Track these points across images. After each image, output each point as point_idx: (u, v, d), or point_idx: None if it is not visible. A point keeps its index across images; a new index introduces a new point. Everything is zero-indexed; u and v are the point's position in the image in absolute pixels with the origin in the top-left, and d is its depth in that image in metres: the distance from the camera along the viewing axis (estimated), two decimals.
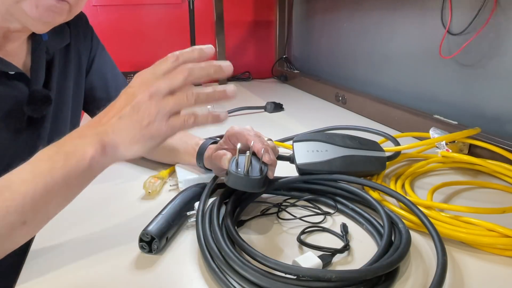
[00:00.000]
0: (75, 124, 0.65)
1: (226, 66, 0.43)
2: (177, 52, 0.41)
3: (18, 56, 0.54)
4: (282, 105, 1.10)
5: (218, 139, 0.63)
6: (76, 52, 0.64)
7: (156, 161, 0.69)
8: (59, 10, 0.47)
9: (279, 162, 0.60)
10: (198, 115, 0.41)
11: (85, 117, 0.77)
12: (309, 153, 0.57)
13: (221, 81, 1.53)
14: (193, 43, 1.52)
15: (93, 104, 0.70)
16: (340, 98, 1.11)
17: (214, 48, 0.44)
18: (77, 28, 0.64)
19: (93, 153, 0.38)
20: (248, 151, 0.46)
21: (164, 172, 0.63)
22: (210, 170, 0.58)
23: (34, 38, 0.55)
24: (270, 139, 0.55)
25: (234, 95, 0.42)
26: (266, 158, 0.48)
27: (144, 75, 0.40)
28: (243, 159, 0.47)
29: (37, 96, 0.53)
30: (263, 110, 1.08)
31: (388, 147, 0.66)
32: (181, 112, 0.40)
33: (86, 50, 0.66)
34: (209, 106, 0.65)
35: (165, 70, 0.40)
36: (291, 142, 0.63)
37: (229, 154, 0.49)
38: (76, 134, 0.40)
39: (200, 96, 0.41)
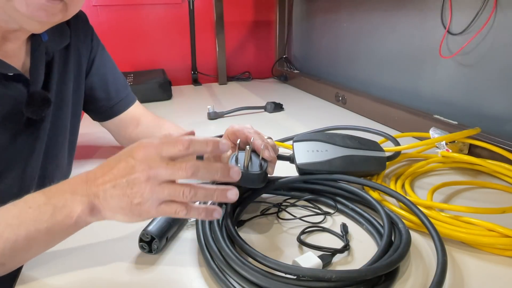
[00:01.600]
0: (75, 124, 0.65)
1: (234, 173, 0.40)
2: (190, 138, 0.39)
3: (18, 57, 0.53)
4: (282, 105, 1.10)
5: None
6: (76, 52, 0.63)
7: None
8: (51, 9, 0.46)
9: (279, 162, 0.60)
10: (191, 208, 0.39)
11: (85, 117, 0.77)
12: (309, 153, 0.57)
13: (220, 81, 1.54)
14: (193, 43, 1.52)
15: (93, 104, 0.70)
16: (340, 98, 1.11)
17: (230, 146, 0.42)
18: (77, 28, 0.64)
19: (80, 212, 0.38)
20: (247, 146, 0.46)
21: None
22: None
23: (33, 39, 0.55)
24: (270, 138, 0.55)
25: (235, 199, 0.40)
26: (265, 154, 0.49)
27: (149, 151, 0.38)
28: (242, 155, 0.47)
29: (36, 98, 0.53)
30: (263, 110, 1.08)
31: (388, 147, 0.66)
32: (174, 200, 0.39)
33: (86, 50, 0.66)
34: (209, 106, 0.65)
35: (171, 155, 0.38)
36: (291, 142, 0.63)
37: (229, 152, 0.49)
38: (68, 187, 0.39)
39: (198, 194, 0.39)
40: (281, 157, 0.60)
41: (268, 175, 0.51)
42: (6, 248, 0.36)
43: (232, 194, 0.40)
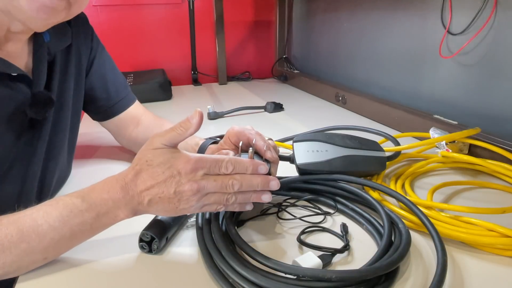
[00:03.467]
0: (75, 124, 0.65)
1: (273, 185, 0.45)
2: (235, 160, 0.43)
3: (20, 57, 0.53)
4: (282, 105, 1.10)
5: (218, 139, 0.63)
6: (77, 52, 0.63)
7: None
8: (56, 7, 0.46)
9: (279, 166, 0.60)
10: (228, 206, 0.43)
11: (85, 117, 0.77)
12: (309, 153, 0.57)
13: (220, 81, 1.54)
14: (193, 43, 1.52)
15: (93, 103, 0.70)
16: (340, 98, 1.11)
17: (268, 169, 0.46)
18: (78, 28, 0.64)
19: (124, 217, 0.42)
20: (250, 148, 0.46)
21: None
22: None
23: (35, 39, 0.55)
24: (270, 139, 0.55)
25: (278, 187, 0.45)
26: (268, 155, 0.49)
27: (197, 166, 0.41)
28: (245, 157, 0.47)
29: (40, 98, 0.53)
30: (263, 110, 1.08)
31: (388, 147, 0.66)
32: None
33: (87, 50, 0.66)
34: (209, 106, 0.65)
35: (217, 173, 0.42)
36: (291, 142, 0.63)
37: (231, 153, 0.49)
38: (107, 194, 0.41)
39: (243, 185, 0.43)
40: (281, 158, 0.60)
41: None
42: (50, 246, 0.39)
43: (274, 185, 0.45)
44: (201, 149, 0.61)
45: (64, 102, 0.61)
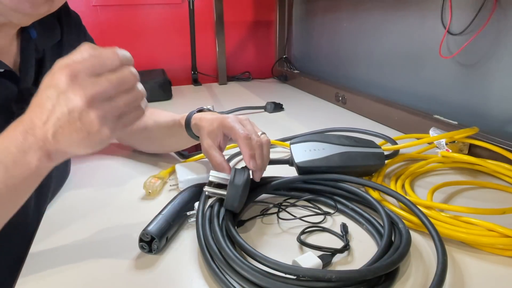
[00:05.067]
0: None
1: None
2: (117, 52, 0.37)
3: (8, 53, 0.53)
4: (282, 105, 1.10)
5: (204, 107, 0.64)
6: (69, 51, 0.63)
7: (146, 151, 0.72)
8: (35, 1, 0.45)
9: (279, 165, 0.60)
10: (141, 106, 0.38)
11: None
12: (306, 152, 0.58)
13: (220, 81, 1.54)
14: (193, 43, 1.52)
15: None
16: (340, 98, 1.11)
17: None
18: (70, 27, 0.63)
19: (37, 162, 0.36)
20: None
21: (164, 172, 0.63)
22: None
23: (22, 35, 0.54)
24: (263, 133, 0.55)
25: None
26: (251, 166, 0.50)
27: (74, 71, 0.34)
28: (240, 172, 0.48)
29: (25, 95, 0.51)
30: (263, 110, 1.08)
31: (387, 147, 0.66)
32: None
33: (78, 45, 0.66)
34: (209, 106, 0.66)
35: (106, 70, 0.35)
36: (291, 141, 0.63)
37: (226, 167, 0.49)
38: (8, 142, 0.36)
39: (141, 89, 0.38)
40: (280, 161, 0.60)
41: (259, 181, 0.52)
42: None
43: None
44: (188, 119, 0.61)
45: None
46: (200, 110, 0.63)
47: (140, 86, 0.38)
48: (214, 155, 0.53)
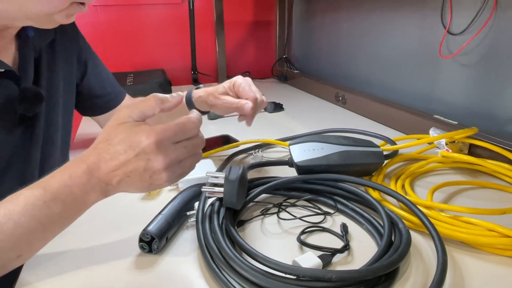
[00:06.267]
0: (67, 123, 0.65)
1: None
2: (195, 123, 0.41)
3: (8, 53, 0.53)
4: (282, 105, 1.10)
5: (201, 86, 0.72)
6: (63, 50, 0.63)
7: None
8: (70, 12, 0.47)
9: (279, 166, 0.60)
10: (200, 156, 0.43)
11: (85, 117, 0.77)
12: (305, 152, 0.58)
13: (220, 81, 1.53)
14: (193, 43, 1.52)
15: (90, 100, 0.72)
16: (340, 98, 1.11)
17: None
18: (65, 27, 0.63)
19: (94, 200, 0.40)
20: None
21: None
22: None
23: (20, 35, 0.54)
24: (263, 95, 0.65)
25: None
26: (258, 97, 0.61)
27: (161, 140, 0.38)
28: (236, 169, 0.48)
29: (28, 94, 0.52)
30: (263, 110, 1.08)
31: (387, 147, 0.66)
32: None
33: (75, 50, 0.66)
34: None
35: (184, 138, 0.41)
36: (290, 142, 0.63)
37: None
38: (70, 181, 0.38)
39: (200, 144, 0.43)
40: (280, 162, 0.60)
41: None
42: (21, 242, 0.37)
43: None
44: (188, 95, 0.69)
45: (54, 99, 0.60)
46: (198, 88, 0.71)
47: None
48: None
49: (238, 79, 0.67)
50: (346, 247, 0.44)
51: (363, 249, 0.44)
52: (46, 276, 0.41)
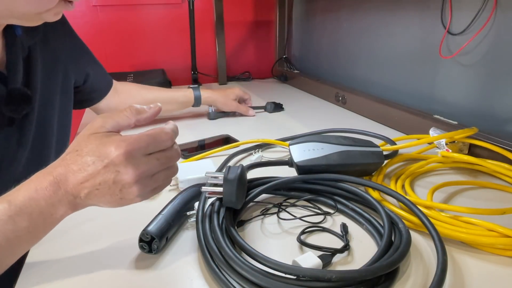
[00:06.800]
0: (65, 124, 0.65)
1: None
2: (170, 134, 0.40)
3: None
4: (282, 105, 1.10)
5: (197, 86, 0.84)
6: (57, 49, 0.62)
7: None
8: (59, 11, 0.47)
9: (279, 166, 0.60)
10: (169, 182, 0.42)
11: (85, 117, 0.77)
12: (305, 152, 0.58)
13: (220, 81, 1.54)
14: (193, 43, 1.52)
15: (89, 95, 0.74)
16: (340, 98, 1.11)
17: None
18: (55, 23, 0.62)
19: (63, 213, 0.38)
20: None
21: None
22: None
23: (7, 33, 0.52)
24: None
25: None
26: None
27: (131, 151, 0.37)
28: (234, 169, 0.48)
29: (15, 95, 0.50)
30: (263, 110, 1.08)
31: (387, 147, 0.66)
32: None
33: (69, 50, 0.66)
34: (209, 107, 0.69)
35: (158, 149, 0.39)
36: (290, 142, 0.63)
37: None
38: (36, 194, 0.36)
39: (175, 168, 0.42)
40: (280, 162, 0.60)
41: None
42: None
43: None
44: (197, 96, 0.87)
45: (48, 100, 0.59)
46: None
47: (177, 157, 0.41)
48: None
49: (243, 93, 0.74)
50: (346, 247, 0.44)
51: (363, 249, 0.44)
52: (46, 275, 0.41)
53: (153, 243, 0.43)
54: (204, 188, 0.47)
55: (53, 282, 0.40)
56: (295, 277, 0.36)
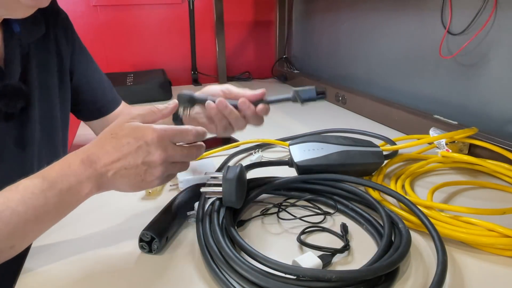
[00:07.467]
0: (65, 123, 0.65)
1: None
2: (196, 131, 0.46)
3: None
4: (324, 91, 0.89)
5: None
6: (57, 48, 0.62)
7: None
8: None
9: (279, 166, 0.60)
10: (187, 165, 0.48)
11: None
12: (305, 152, 0.58)
13: (220, 81, 1.54)
14: (193, 43, 1.52)
15: (79, 105, 0.70)
16: (340, 98, 1.11)
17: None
18: (57, 22, 0.62)
19: (88, 192, 0.41)
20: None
21: None
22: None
23: (5, 30, 0.53)
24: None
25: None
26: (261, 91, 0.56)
27: (162, 136, 0.42)
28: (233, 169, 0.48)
29: (8, 90, 0.51)
30: (290, 101, 1.01)
31: (387, 147, 0.66)
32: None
33: (67, 49, 0.65)
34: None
35: (182, 141, 0.45)
36: (289, 141, 0.63)
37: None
38: (69, 170, 0.40)
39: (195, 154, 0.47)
40: (280, 163, 0.60)
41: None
42: (16, 232, 0.37)
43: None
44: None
45: (49, 99, 0.59)
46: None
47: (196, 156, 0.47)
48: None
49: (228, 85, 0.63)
50: (346, 247, 0.44)
51: (363, 249, 0.44)
52: (46, 275, 0.41)
53: (153, 243, 0.43)
54: (204, 188, 0.47)
55: (53, 281, 0.40)
56: (295, 277, 0.36)
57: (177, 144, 0.44)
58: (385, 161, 0.64)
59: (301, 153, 0.58)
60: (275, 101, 0.57)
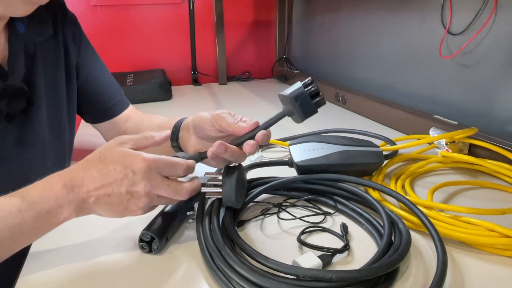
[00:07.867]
0: (72, 125, 0.65)
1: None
2: (187, 165, 0.44)
3: None
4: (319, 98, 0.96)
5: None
6: (65, 50, 0.62)
7: None
8: None
9: (279, 166, 0.60)
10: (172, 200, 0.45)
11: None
12: (305, 152, 0.58)
13: (220, 81, 1.54)
14: (193, 43, 1.52)
15: (85, 106, 0.69)
16: (340, 98, 1.11)
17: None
18: (65, 23, 0.62)
19: (67, 215, 0.39)
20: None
21: None
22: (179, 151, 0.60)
23: (10, 30, 0.53)
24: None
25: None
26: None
27: (150, 166, 0.40)
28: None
29: (10, 90, 0.51)
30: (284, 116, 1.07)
31: (387, 147, 0.66)
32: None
33: (75, 46, 0.65)
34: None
35: (171, 174, 0.43)
36: (289, 141, 0.63)
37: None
38: (49, 192, 0.38)
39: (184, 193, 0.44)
40: (280, 163, 0.60)
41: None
42: None
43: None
44: (178, 123, 0.59)
45: (56, 99, 0.59)
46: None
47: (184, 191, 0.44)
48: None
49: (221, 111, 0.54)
50: (346, 247, 0.44)
51: (363, 249, 0.44)
52: (46, 275, 0.41)
53: (153, 243, 0.43)
54: (204, 188, 0.47)
55: (53, 281, 0.40)
56: (295, 277, 0.36)
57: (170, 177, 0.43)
58: (385, 161, 0.64)
59: (301, 153, 0.58)
60: (270, 124, 0.53)
